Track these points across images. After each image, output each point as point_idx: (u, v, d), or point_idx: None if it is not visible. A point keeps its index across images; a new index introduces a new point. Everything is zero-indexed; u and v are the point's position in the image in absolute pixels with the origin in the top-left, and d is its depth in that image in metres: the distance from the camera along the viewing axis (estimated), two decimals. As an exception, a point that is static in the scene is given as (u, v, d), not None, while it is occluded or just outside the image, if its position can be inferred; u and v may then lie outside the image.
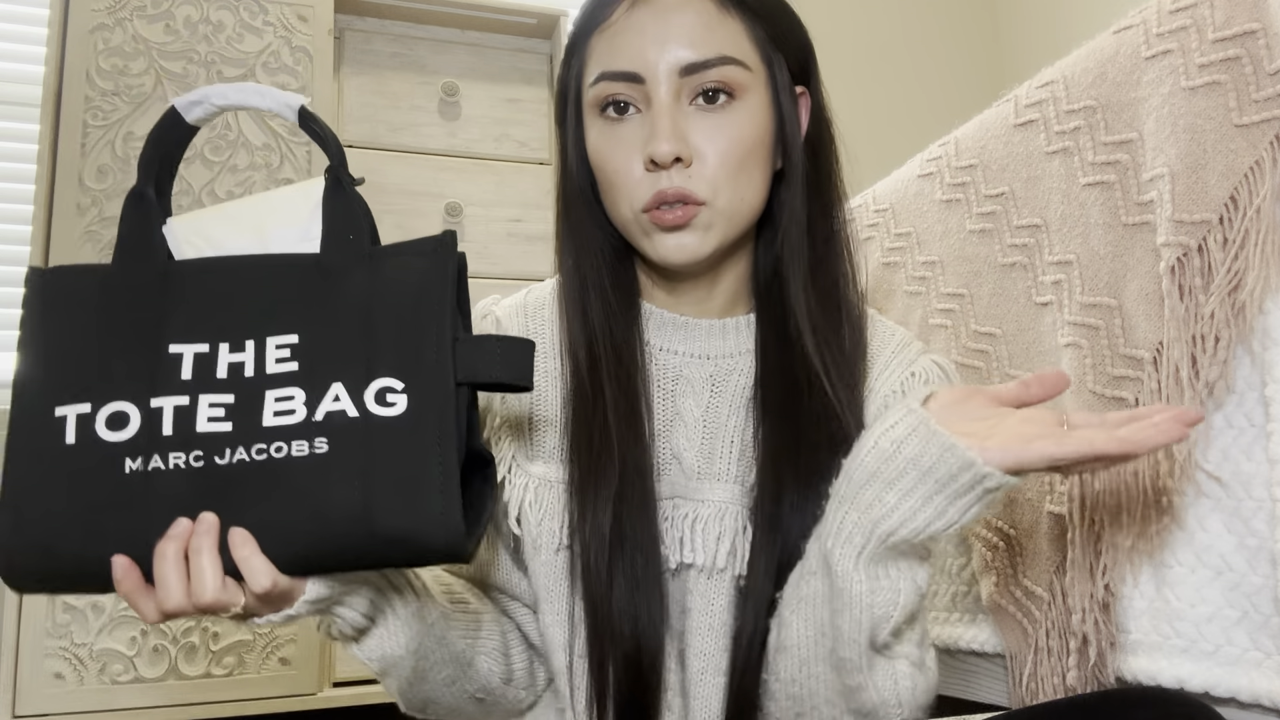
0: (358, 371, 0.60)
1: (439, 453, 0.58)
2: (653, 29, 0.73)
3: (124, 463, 0.59)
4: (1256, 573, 0.75)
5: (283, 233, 0.67)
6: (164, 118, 0.68)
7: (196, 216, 0.68)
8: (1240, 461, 0.76)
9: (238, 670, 1.60)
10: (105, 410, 0.60)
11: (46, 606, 1.52)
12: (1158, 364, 0.81)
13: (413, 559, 0.60)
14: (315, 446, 0.58)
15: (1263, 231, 0.74)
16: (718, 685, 0.74)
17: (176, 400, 0.60)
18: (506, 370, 0.62)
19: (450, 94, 1.97)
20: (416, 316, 0.61)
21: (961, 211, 1.10)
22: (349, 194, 0.65)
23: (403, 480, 0.58)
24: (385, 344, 0.60)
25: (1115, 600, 0.84)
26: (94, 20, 1.69)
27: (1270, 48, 0.75)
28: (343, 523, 0.57)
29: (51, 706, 1.50)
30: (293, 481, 0.58)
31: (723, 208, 0.74)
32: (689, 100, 0.73)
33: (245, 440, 0.59)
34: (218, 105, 0.68)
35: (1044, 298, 0.96)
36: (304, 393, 0.59)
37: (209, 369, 0.61)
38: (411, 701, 0.77)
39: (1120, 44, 0.89)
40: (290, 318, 0.62)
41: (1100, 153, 0.90)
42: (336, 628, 0.66)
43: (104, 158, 1.66)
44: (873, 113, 2.58)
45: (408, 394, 0.59)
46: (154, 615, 0.59)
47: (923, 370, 0.80)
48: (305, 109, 0.67)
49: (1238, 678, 0.75)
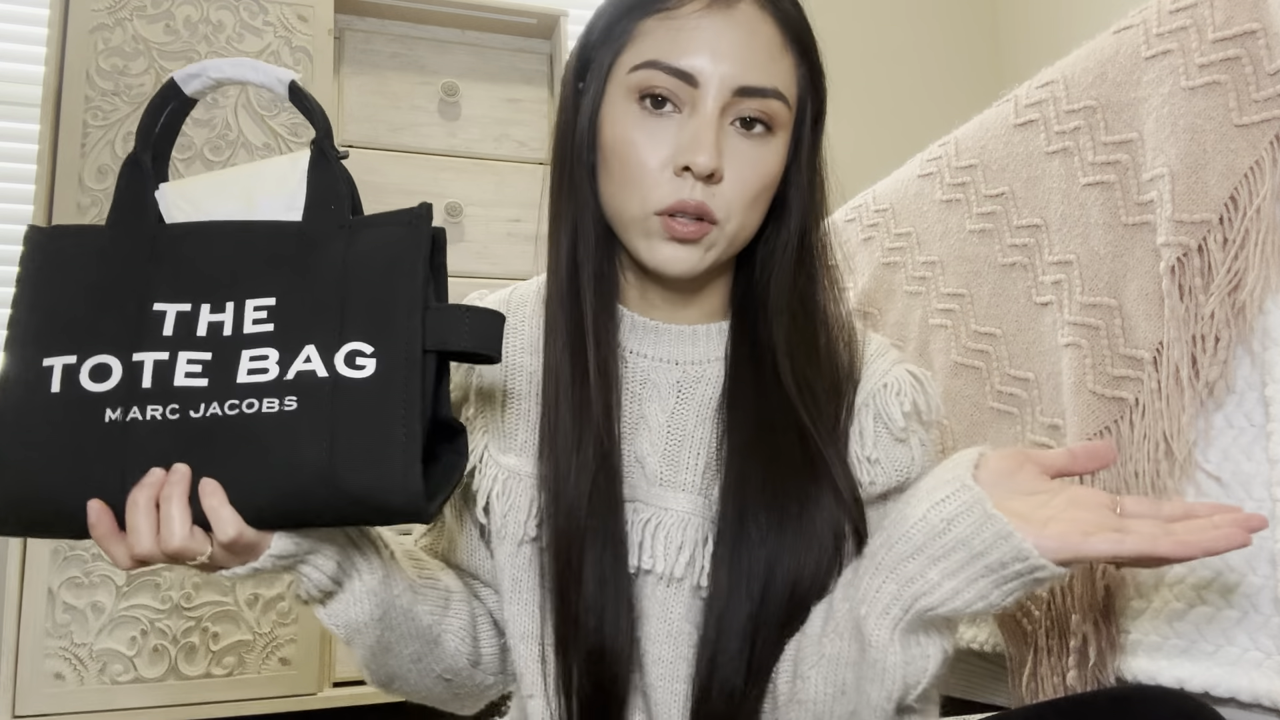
0: (330, 334, 0.62)
1: (403, 415, 0.60)
2: (723, 38, 0.72)
3: (104, 412, 0.61)
4: (1256, 573, 0.75)
5: (270, 201, 0.69)
6: (163, 88, 0.71)
7: (187, 183, 0.71)
8: (1240, 461, 0.76)
9: (238, 670, 1.60)
10: (90, 362, 0.62)
11: (46, 606, 1.52)
12: (1158, 364, 0.81)
13: (374, 517, 0.62)
14: (285, 404, 0.60)
15: (1263, 231, 0.74)
16: (677, 693, 0.74)
17: (157, 355, 0.62)
18: (475, 339, 0.64)
19: (450, 94, 1.96)
20: (389, 283, 0.63)
21: (961, 211, 1.09)
22: (333, 166, 0.68)
23: (367, 440, 0.60)
24: (358, 309, 0.63)
25: (1115, 600, 0.84)
26: (94, 20, 1.69)
27: (1270, 48, 0.75)
28: (307, 478, 0.59)
29: (51, 706, 1.50)
30: (262, 437, 0.60)
31: (730, 233, 0.74)
32: (730, 120, 0.73)
33: (219, 395, 0.61)
34: (214, 78, 0.71)
35: (1044, 298, 0.96)
36: (278, 352, 0.62)
37: (190, 327, 0.63)
38: (377, 674, 0.77)
39: (1120, 44, 0.89)
40: (269, 281, 0.64)
41: (1100, 153, 0.90)
42: (303, 588, 0.67)
43: (104, 158, 1.66)
44: (873, 112, 2.58)
45: (376, 358, 0.61)
46: (125, 561, 0.61)
47: (895, 381, 0.79)
48: (295, 84, 0.69)
49: (1238, 678, 0.75)
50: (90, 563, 1.55)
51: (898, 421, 0.76)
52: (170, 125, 0.72)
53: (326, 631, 1.66)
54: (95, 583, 1.55)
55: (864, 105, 2.59)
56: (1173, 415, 0.80)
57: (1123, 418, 0.84)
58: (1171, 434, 0.79)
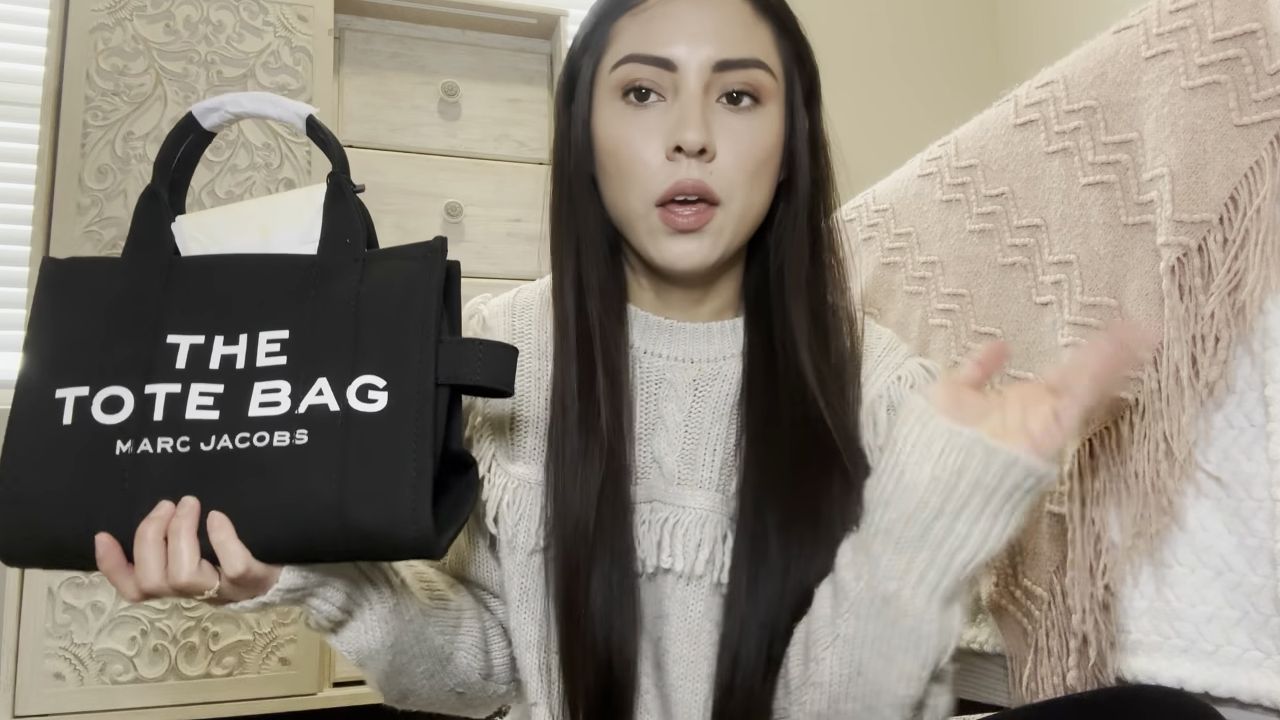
0: (343, 367, 0.62)
1: (414, 449, 0.60)
2: (690, 19, 0.72)
3: (115, 444, 0.61)
4: (1256, 573, 0.75)
5: (285, 234, 0.69)
6: (181, 122, 0.71)
7: (204, 215, 0.71)
8: (1240, 461, 0.76)
9: (238, 670, 1.60)
10: (102, 394, 0.62)
11: (46, 606, 1.52)
12: (1158, 364, 0.81)
13: (383, 553, 0.61)
14: (296, 437, 0.60)
15: (1263, 231, 0.74)
16: (699, 691, 0.74)
17: (169, 388, 0.62)
18: (487, 374, 0.63)
19: (450, 94, 1.97)
20: (402, 317, 0.63)
21: (961, 211, 1.10)
22: (349, 200, 0.68)
23: (377, 474, 0.59)
24: (371, 342, 0.63)
25: (1115, 600, 0.84)
26: (94, 20, 1.69)
27: (1270, 48, 0.75)
28: (317, 513, 0.59)
29: (51, 706, 1.50)
30: (272, 470, 0.60)
31: (736, 212, 0.74)
32: (715, 98, 0.73)
33: (230, 428, 0.61)
34: (233, 113, 0.72)
35: (1044, 298, 0.96)
36: (290, 385, 0.62)
37: (203, 359, 0.63)
38: (389, 692, 0.77)
39: (1120, 44, 0.89)
40: (283, 314, 0.64)
41: (1100, 153, 0.90)
42: (313, 619, 0.67)
43: (104, 158, 1.66)
44: (873, 113, 2.58)
45: (389, 391, 0.61)
46: (133, 594, 0.61)
47: (909, 374, 0.79)
48: (313, 118, 0.70)
49: (1238, 678, 0.75)
50: (90, 563, 1.55)
51: None
52: (188, 157, 0.72)
53: (326, 631, 1.67)
54: (95, 583, 1.55)
55: (864, 105, 2.59)
56: (1173, 415, 0.80)
57: (1123, 418, 0.84)
58: (1171, 434, 0.79)
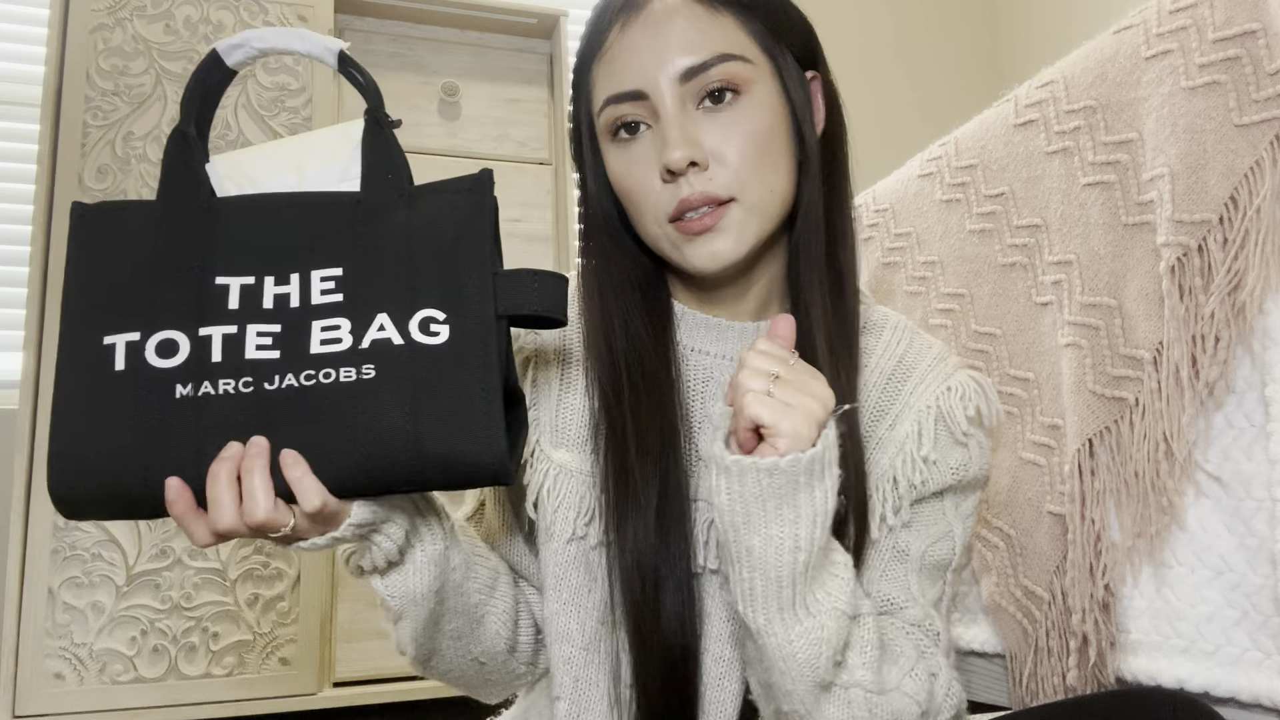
0: (402, 302, 0.62)
1: (482, 379, 0.60)
2: (646, 44, 0.73)
3: (174, 388, 0.60)
4: (1256, 573, 0.75)
5: (321, 172, 0.69)
6: (205, 60, 0.69)
7: (236, 155, 0.70)
8: (1240, 461, 0.76)
9: (238, 670, 1.60)
10: (155, 338, 0.61)
11: (46, 606, 1.52)
12: (1158, 364, 0.81)
13: (460, 480, 0.62)
14: (363, 372, 0.60)
15: (1263, 231, 0.74)
16: (733, 691, 0.74)
17: (224, 329, 0.62)
18: (544, 302, 0.64)
19: (450, 94, 1.96)
20: (457, 250, 0.64)
21: (961, 211, 1.10)
22: (388, 135, 0.67)
23: (449, 404, 0.60)
24: (427, 276, 0.63)
25: (1115, 600, 0.84)
26: (94, 20, 1.69)
27: (1270, 48, 0.75)
28: (392, 444, 0.60)
29: (51, 706, 1.50)
30: (342, 405, 0.60)
31: (753, 202, 0.73)
32: (696, 104, 0.73)
33: (293, 366, 0.61)
34: (258, 49, 0.69)
35: (1044, 298, 0.96)
36: (349, 322, 0.62)
37: (255, 300, 0.63)
38: (418, 652, 0.76)
39: (1120, 44, 0.89)
40: (334, 252, 0.64)
41: (1100, 153, 0.90)
42: (370, 558, 0.67)
43: (104, 158, 1.66)
44: (872, 112, 2.58)
45: (450, 324, 0.62)
46: (206, 537, 0.61)
47: (960, 385, 0.78)
48: (345, 53, 0.68)
49: (1238, 678, 0.75)
50: (90, 563, 1.55)
51: (961, 425, 0.76)
52: (209, 97, 0.70)
53: (326, 631, 1.67)
54: (95, 583, 1.55)
55: (864, 105, 2.59)
56: (1173, 415, 0.80)
57: (1123, 418, 0.84)
58: (1171, 434, 0.79)
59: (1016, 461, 0.97)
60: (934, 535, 0.76)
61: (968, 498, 0.79)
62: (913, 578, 0.75)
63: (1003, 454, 0.99)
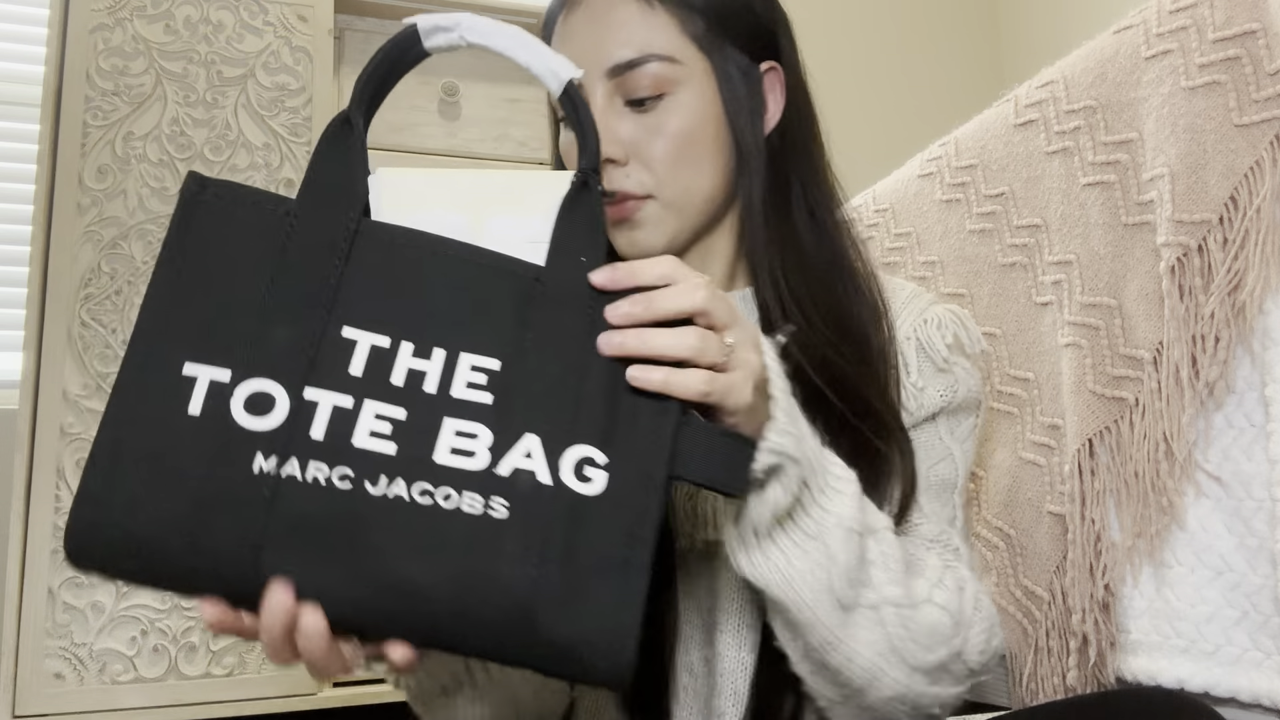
0: (560, 428, 0.49)
1: (632, 554, 0.48)
2: (582, 34, 0.74)
3: (254, 457, 0.47)
4: (1256, 573, 0.75)
5: (502, 221, 0.55)
6: (401, 36, 0.58)
7: (410, 173, 0.58)
8: (1240, 461, 0.76)
9: (238, 670, 1.60)
10: (247, 385, 0.48)
11: (47, 606, 1.52)
12: (1158, 364, 0.81)
13: (564, 671, 0.48)
14: (491, 507, 0.47)
15: (1263, 231, 0.74)
16: (745, 663, 0.73)
17: (339, 398, 0.48)
18: (724, 473, 0.51)
19: (450, 94, 1.96)
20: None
21: (961, 211, 1.10)
22: (594, 203, 0.54)
23: (583, 576, 0.47)
24: (596, 404, 0.49)
25: (1115, 600, 0.84)
26: (94, 20, 1.69)
27: (1270, 48, 0.75)
28: (500, 607, 0.46)
29: (51, 706, 1.50)
30: (453, 541, 0.46)
31: (670, 200, 0.74)
32: (623, 100, 0.73)
33: (409, 472, 0.47)
34: (468, 41, 0.58)
35: (1044, 298, 0.96)
36: (491, 435, 0.48)
37: (383, 369, 0.49)
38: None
39: (1120, 44, 0.89)
40: (495, 337, 0.50)
41: (1100, 153, 0.90)
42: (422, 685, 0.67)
43: (104, 158, 1.66)
44: (873, 113, 2.58)
45: (609, 472, 0.48)
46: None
47: (936, 317, 0.80)
48: (573, 86, 0.56)
49: (1238, 678, 0.75)
50: (90, 563, 1.55)
51: (940, 352, 0.78)
52: (386, 84, 0.59)
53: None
54: (95, 583, 1.55)
55: (864, 105, 2.59)
56: (1173, 415, 0.80)
57: (1123, 418, 0.84)
58: (1171, 434, 0.79)
59: (1016, 461, 0.97)
60: (934, 458, 0.77)
61: (961, 421, 0.79)
62: (921, 498, 0.75)
63: (1003, 454, 0.99)
